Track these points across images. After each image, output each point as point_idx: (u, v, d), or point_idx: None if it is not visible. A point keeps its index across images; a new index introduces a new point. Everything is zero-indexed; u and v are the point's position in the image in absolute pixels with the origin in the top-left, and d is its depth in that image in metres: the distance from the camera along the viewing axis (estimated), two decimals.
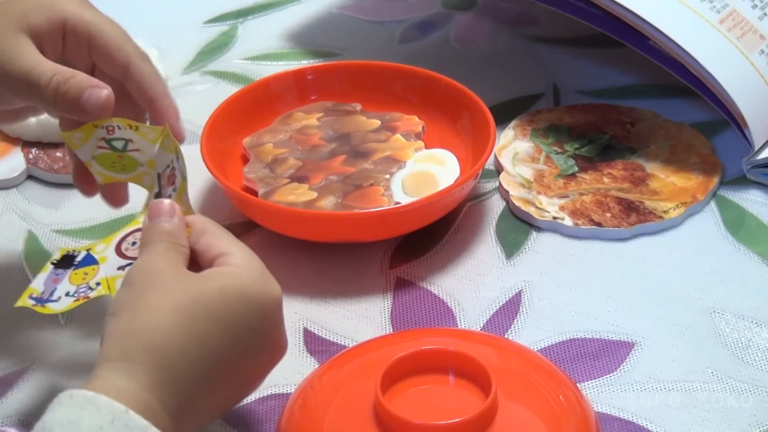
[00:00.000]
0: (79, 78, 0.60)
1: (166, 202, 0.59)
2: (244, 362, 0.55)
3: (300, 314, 0.69)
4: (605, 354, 0.65)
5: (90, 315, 0.67)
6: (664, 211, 0.74)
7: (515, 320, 0.68)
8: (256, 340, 0.56)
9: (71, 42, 0.63)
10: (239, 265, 0.56)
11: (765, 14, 0.80)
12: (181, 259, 0.57)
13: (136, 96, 0.63)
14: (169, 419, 0.52)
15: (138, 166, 0.62)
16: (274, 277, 0.57)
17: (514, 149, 0.81)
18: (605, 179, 0.77)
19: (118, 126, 0.61)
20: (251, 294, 0.55)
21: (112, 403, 0.50)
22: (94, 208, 0.71)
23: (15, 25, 0.61)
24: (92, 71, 0.63)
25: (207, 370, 0.53)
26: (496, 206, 0.77)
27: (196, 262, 0.58)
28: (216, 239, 0.58)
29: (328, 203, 0.73)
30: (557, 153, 0.80)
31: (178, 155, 0.62)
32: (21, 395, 0.64)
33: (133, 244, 0.61)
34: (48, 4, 0.63)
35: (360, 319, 0.68)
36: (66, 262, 0.61)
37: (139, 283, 0.55)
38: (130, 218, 0.67)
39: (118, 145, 0.62)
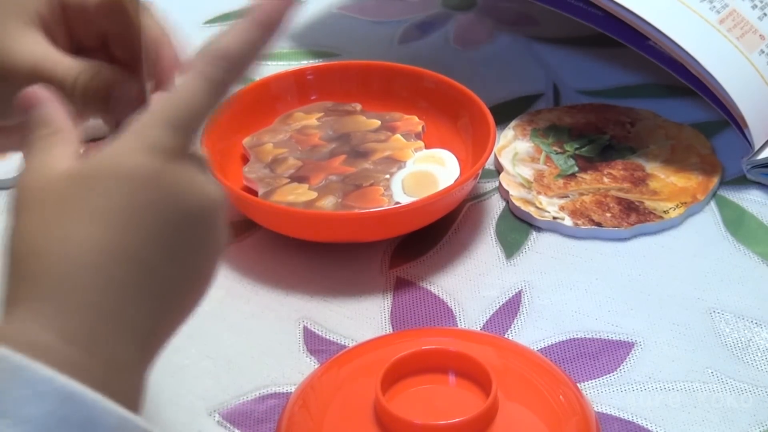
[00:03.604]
0: (105, 74, 0.55)
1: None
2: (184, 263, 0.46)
3: (300, 314, 0.69)
4: (605, 354, 0.65)
5: None
6: (664, 211, 0.74)
7: (515, 320, 0.68)
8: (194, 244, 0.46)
9: (78, 22, 0.58)
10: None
11: (765, 14, 0.80)
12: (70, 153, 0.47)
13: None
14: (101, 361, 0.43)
15: None
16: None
17: (514, 149, 0.81)
18: (605, 179, 0.77)
19: None
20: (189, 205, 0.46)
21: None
22: None
23: (16, 17, 0.57)
24: (102, 46, 0.58)
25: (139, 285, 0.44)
26: (496, 206, 0.77)
27: None
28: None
29: (327, 203, 0.73)
30: (557, 153, 0.80)
31: None
32: None
33: None
34: None
35: (360, 319, 0.68)
36: None
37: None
38: None
39: None
